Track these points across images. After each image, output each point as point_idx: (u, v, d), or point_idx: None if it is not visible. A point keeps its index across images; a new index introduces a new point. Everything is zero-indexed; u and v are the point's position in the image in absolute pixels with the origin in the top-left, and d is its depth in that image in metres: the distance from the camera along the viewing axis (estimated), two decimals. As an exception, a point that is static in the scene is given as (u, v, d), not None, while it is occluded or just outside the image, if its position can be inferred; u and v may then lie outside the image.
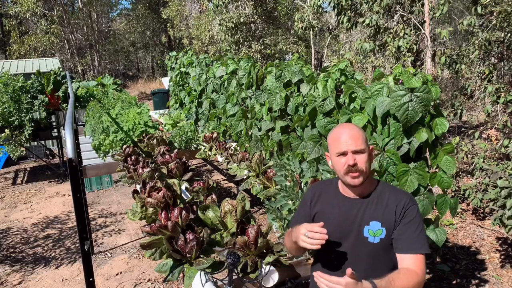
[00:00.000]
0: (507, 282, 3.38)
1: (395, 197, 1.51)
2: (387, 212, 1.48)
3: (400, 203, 1.49)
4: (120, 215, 5.50)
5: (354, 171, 1.44)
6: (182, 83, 6.25)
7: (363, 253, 1.48)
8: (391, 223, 1.47)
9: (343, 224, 1.50)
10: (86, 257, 2.06)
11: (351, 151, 1.44)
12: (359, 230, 1.48)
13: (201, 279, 1.91)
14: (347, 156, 1.45)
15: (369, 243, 1.47)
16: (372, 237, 1.47)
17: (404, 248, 1.44)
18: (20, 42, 17.72)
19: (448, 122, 2.18)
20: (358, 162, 1.44)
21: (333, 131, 1.54)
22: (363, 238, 1.47)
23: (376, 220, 1.47)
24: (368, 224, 1.47)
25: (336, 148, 1.47)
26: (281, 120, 3.31)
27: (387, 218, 1.47)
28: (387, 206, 1.49)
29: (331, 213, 1.54)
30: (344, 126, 1.53)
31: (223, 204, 2.39)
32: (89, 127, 4.83)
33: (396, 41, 5.77)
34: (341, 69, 2.69)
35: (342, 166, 1.46)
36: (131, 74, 27.85)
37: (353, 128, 1.50)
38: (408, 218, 1.47)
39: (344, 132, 1.48)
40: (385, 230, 1.47)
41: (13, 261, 4.32)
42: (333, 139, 1.51)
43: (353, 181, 1.46)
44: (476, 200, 3.89)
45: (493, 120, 5.29)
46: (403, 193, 1.56)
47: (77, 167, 1.96)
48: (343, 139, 1.46)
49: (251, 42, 12.01)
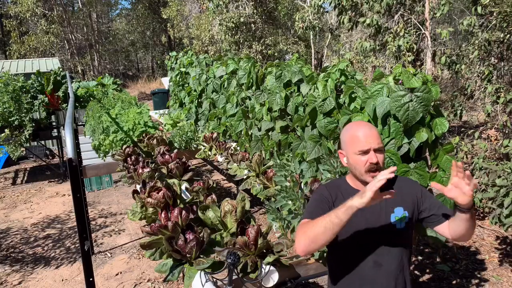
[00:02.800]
0: (507, 282, 3.38)
1: (406, 183, 1.60)
2: (404, 197, 1.54)
3: (413, 187, 1.58)
4: (120, 215, 5.50)
5: (375, 169, 1.44)
6: (182, 83, 6.25)
7: (393, 240, 1.52)
8: (411, 205, 1.54)
9: (369, 217, 1.51)
10: (86, 257, 2.07)
11: (373, 149, 1.45)
12: (387, 219, 1.51)
13: (201, 279, 1.91)
14: (369, 154, 1.45)
15: (397, 230, 1.52)
16: (399, 223, 1.52)
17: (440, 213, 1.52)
18: (20, 42, 17.72)
19: (448, 122, 2.18)
20: (379, 161, 1.46)
21: (350, 129, 1.53)
22: (391, 226, 1.51)
23: (398, 206, 1.52)
24: (393, 212, 1.52)
25: (357, 146, 1.46)
26: (281, 120, 3.31)
27: (407, 202, 1.54)
28: (403, 191, 1.55)
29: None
30: (362, 124, 1.52)
31: (223, 204, 2.39)
32: (89, 127, 4.84)
33: (397, 40, 5.77)
34: (341, 69, 2.69)
35: (363, 164, 1.45)
36: (131, 74, 27.85)
37: (371, 126, 1.52)
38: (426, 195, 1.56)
39: (364, 130, 1.47)
40: (408, 214, 1.52)
41: (13, 261, 4.32)
42: (352, 137, 1.49)
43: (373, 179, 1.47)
44: (476, 200, 3.89)
45: (493, 120, 5.29)
46: (413, 181, 1.67)
47: (77, 167, 1.96)
48: (363, 137, 1.46)
49: (251, 42, 12.01)
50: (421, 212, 1.54)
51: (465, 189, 1.26)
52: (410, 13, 6.14)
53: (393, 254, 1.52)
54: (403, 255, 1.54)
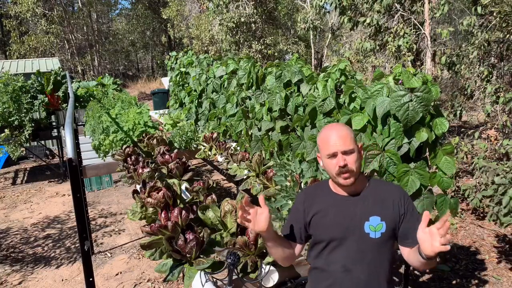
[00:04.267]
0: (506, 282, 3.38)
1: (389, 191, 1.54)
2: (385, 206, 1.51)
3: (396, 197, 1.52)
4: (120, 215, 5.50)
5: (345, 171, 1.45)
6: (182, 83, 6.25)
7: (366, 249, 1.50)
8: (390, 217, 1.50)
9: (343, 223, 1.51)
10: (86, 257, 2.07)
11: (340, 151, 1.45)
12: (360, 227, 1.49)
13: (201, 279, 1.91)
14: (337, 157, 1.46)
15: (371, 239, 1.49)
16: (373, 232, 1.48)
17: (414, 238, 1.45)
18: (20, 42, 17.71)
19: (448, 122, 2.18)
20: (348, 163, 1.45)
21: (321, 133, 1.54)
22: (365, 235, 1.49)
23: (375, 215, 1.49)
24: (368, 220, 1.49)
25: (326, 150, 1.48)
26: (281, 120, 3.31)
27: (386, 212, 1.50)
28: (384, 200, 1.52)
29: (329, 213, 1.54)
30: (332, 127, 1.52)
31: (223, 204, 2.39)
32: (89, 127, 4.83)
33: (396, 40, 5.78)
34: (341, 69, 2.69)
35: (333, 167, 1.47)
36: (131, 74, 27.85)
37: (341, 128, 1.50)
38: (410, 211, 1.51)
39: (332, 133, 1.48)
40: (384, 224, 1.49)
41: (13, 261, 4.32)
42: (322, 140, 1.51)
43: (345, 181, 1.47)
44: (476, 200, 3.90)
45: (493, 120, 5.29)
46: (395, 186, 1.59)
47: (77, 167, 1.96)
48: (332, 140, 1.47)
49: (251, 42, 12.01)
50: (399, 229, 1.51)
51: (435, 243, 1.23)
52: (410, 13, 6.14)
53: (365, 263, 1.49)
54: (378, 265, 1.50)
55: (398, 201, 1.51)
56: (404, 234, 1.50)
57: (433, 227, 1.24)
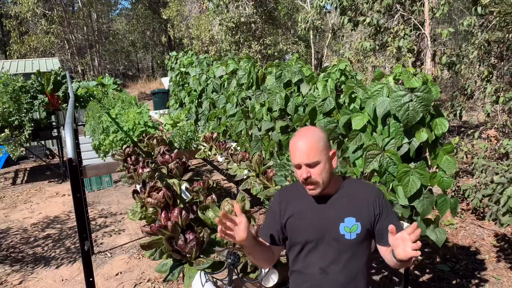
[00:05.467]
0: (507, 282, 3.38)
1: (364, 191, 1.53)
2: (360, 207, 1.50)
3: (371, 197, 1.51)
4: (120, 215, 5.50)
5: (309, 183, 1.45)
6: (182, 83, 6.25)
7: (341, 250, 1.49)
8: (366, 217, 1.49)
9: (318, 224, 1.50)
10: (86, 257, 2.07)
11: (304, 164, 1.44)
12: (335, 228, 1.48)
13: (201, 279, 1.91)
14: (302, 169, 1.45)
15: (346, 240, 1.48)
16: (348, 233, 1.48)
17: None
18: (20, 42, 17.70)
19: (448, 122, 2.18)
20: (312, 174, 1.43)
21: (292, 139, 1.51)
22: (340, 236, 1.48)
23: (350, 216, 1.48)
24: (343, 221, 1.48)
25: (293, 159, 1.48)
26: (281, 120, 3.31)
27: (361, 213, 1.49)
28: (359, 201, 1.51)
29: (305, 215, 1.53)
30: (299, 137, 1.48)
31: (223, 204, 2.39)
32: (89, 127, 4.83)
33: (397, 41, 5.78)
34: (341, 69, 2.69)
35: (299, 177, 1.47)
36: (131, 74, 27.85)
37: (309, 138, 1.45)
38: (385, 211, 1.51)
39: (298, 144, 1.45)
40: (360, 225, 1.48)
41: (13, 261, 4.32)
42: (291, 148, 1.49)
43: (310, 192, 1.48)
44: (476, 200, 3.90)
45: (493, 120, 5.29)
46: (371, 186, 1.58)
47: (77, 167, 1.96)
48: (297, 151, 1.45)
49: (251, 42, 12.01)
50: (374, 229, 1.51)
51: (407, 249, 1.24)
52: (410, 13, 6.14)
53: (342, 264, 1.49)
54: (355, 266, 1.50)
55: (373, 201, 1.50)
56: (380, 234, 1.50)
57: (404, 233, 1.25)
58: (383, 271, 3.50)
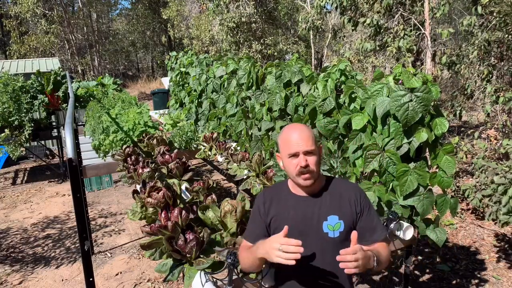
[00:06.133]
0: (506, 282, 3.38)
1: (346, 190, 1.56)
2: (342, 205, 1.52)
3: (352, 195, 1.54)
4: (120, 215, 5.50)
5: (306, 172, 1.45)
6: (182, 83, 6.25)
7: (325, 249, 1.50)
8: (348, 216, 1.51)
9: (301, 224, 1.51)
10: (86, 257, 2.07)
11: (302, 152, 1.45)
12: (319, 227, 1.49)
13: (201, 279, 1.91)
14: (299, 158, 1.45)
15: (330, 238, 1.49)
16: (331, 231, 1.49)
17: (370, 238, 1.52)
18: (20, 42, 17.71)
19: (448, 122, 2.18)
20: (309, 163, 1.45)
21: (283, 132, 1.53)
22: (323, 234, 1.49)
23: (333, 214, 1.49)
24: (326, 220, 1.49)
25: (287, 149, 1.48)
26: (281, 120, 3.31)
27: (344, 211, 1.51)
28: (341, 199, 1.53)
29: (288, 215, 1.53)
30: (294, 127, 1.52)
31: (223, 204, 2.39)
32: (89, 127, 4.83)
33: (397, 41, 5.78)
34: (341, 69, 2.69)
35: (294, 167, 1.47)
36: (131, 74, 27.85)
37: (303, 128, 1.50)
38: (366, 210, 1.53)
39: (295, 133, 1.47)
40: (343, 223, 1.49)
41: (13, 261, 4.32)
42: (284, 140, 1.50)
43: (305, 182, 1.47)
44: (476, 200, 3.90)
45: (493, 120, 5.29)
46: (352, 185, 1.62)
47: (77, 167, 1.96)
48: (294, 140, 1.46)
49: (251, 42, 12.01)
50: (355, 227, 1.52)
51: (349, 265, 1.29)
52: (410, 13, 6.14)
53: (326, 262, 1.49)
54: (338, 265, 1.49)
55: (355, 200, 1.52)
56: (361, 233, 1.49)
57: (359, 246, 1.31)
58: (383, 271, 3.51)
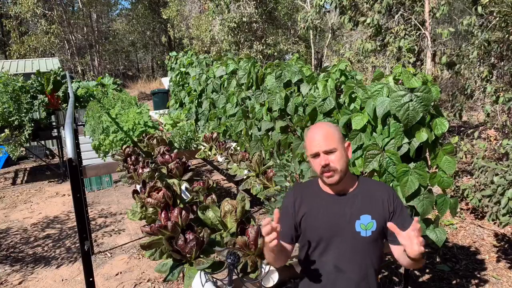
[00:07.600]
0: (506, 282, 3.38)
1: (379, 190, 1.56)
2: (375, 205, 1.52)
3: (385, 196, 1.54)
4: (120, 215, 5.50)
5: (327, 170, 1.46)
6: (182, 83, 6.25)
7: (357, 248, 1.50)
8: (381, 215, 1.51)
9: (333, 222, 1.51)
10: (86, 257, 2.07)
11: (322, 151, 1.46)
12: (351, 226, 1.50)
13: (201, 279, 1.91)
14: (320, 157, 1.47)
15: (362, 237, 1.49)
16: (364, 231, 1.49)
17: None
18: (20, 42, 17.70)
19: (448, 122, 2.18)
20: (331, 162, 1.46)
21: (308, 133, 1.55)
22: (355, 233, 1.49)
23: (366, 214, 1.50)
24: (359, 219, 1.50)
25: (310, 150, 1.50)
26: (281, 120, 3.31)
27: (376, 211, 1.51)
28: (374, 199, 1.53)
29: (319, 213, 1.54)
30: (317, 127, 1.54)
31: (223, 204, 2.39)
32: (89, 127, 4.83)
33: (397, 41, 5.78)
34: (341, 69, 2.69)
35: (318, 167, 1.49)
36: (131, 74, 27.85)
37: (326, 128, 1.51)
38: (398, 209, 1.53)
39: (316, 133, 1.50)
40: (375, 223, 1.50)
41: (13, 261, 4.32)
42: (308, 140, 1.53)
43: (329, 180, 1.49)
44: (475, 200, 3.90)
45: (493, 120, 5.29)
46: (384, 185, 1.61)
47: (77, 167, 1.96)
48: (314, 140, 1.48)
49: (252, 42, 12.01)
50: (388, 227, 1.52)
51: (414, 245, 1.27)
52: (410, 13, 6.14)
53: (356, 262, 1.51)
54: (368, 264, 1.52)
55: (387, 199, 1.53)
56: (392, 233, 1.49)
57: (410, 231, 1.27)
58: (383, 271, 3.50)
